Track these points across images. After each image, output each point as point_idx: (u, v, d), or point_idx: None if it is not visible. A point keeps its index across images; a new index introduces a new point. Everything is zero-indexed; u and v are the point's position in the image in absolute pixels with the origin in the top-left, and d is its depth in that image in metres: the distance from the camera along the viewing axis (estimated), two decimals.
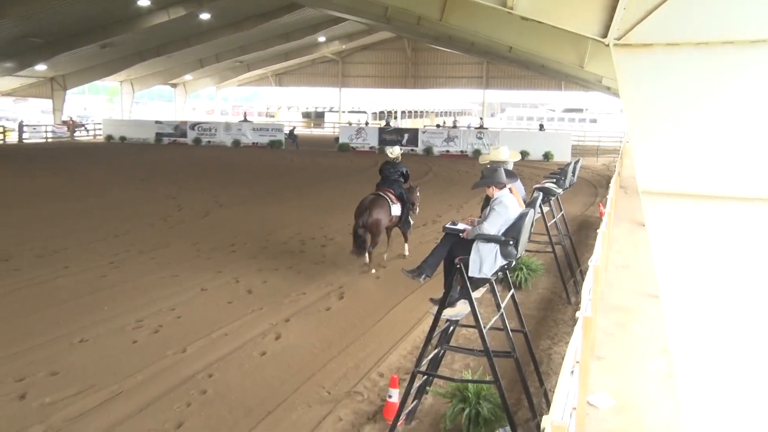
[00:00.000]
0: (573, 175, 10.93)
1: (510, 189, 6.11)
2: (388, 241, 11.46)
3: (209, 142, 38.03)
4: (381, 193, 10.87)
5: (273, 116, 63.83)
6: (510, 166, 7.83)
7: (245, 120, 42.07)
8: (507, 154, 7.95)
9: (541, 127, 46.37)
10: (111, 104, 67.25)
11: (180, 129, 38.72)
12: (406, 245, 11.64)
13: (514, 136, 35.92)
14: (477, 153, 33.35)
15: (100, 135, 41.22)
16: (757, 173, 3.38)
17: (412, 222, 11.47)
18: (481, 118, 55.29)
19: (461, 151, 34.11)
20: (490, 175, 6.06)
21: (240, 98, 76.89)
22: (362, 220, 10.43)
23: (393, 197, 10.88)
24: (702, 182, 3.52)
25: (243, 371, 6.85)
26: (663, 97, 3.54)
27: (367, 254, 10.64)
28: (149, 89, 54.30)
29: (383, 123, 47.13)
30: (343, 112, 60.63)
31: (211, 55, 45.46)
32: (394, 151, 11.50)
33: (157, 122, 39.96)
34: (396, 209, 10.84)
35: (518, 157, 8.41)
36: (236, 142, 37.59)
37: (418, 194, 11.93)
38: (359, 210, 10.55)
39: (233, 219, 14.88)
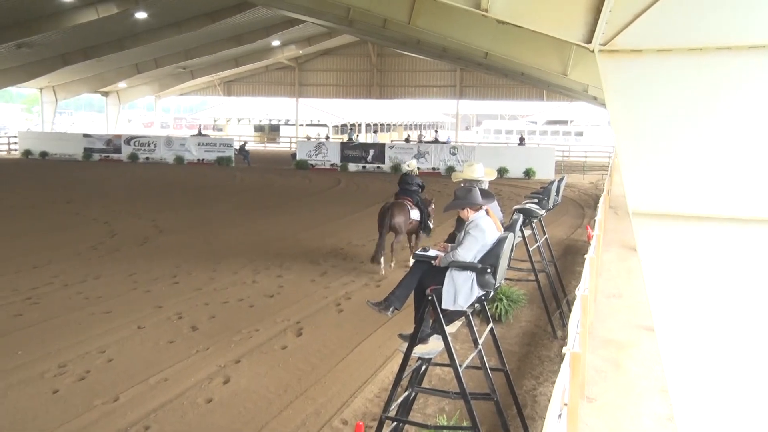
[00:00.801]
0: (557, 195, 11.06)
1: (486, 211, 6.16)
2: (410, 244, 13.36)
3: (148, 158, 37.70)
4: (400, 200, 12.90)
5: (221, 130, 63.63)
6: (485, 185, 7.92)
7: (200, 135, 41.86)
8: (482, 172, 8.05)
9: (522, 140, 47.11)
10: (29, 114, 66.15)
11: (113, 144, 38.29)
12: None
13: (491, 151, 36.38)
14: (450, 170, 33.65)
15: (15, 150, 40.44)
16: (759, 192, 3.43)
17: (431, 226, 13.32)
18: (436, 131, 55.73)
19: (433, 168, 34.41)
20: (463, 196, 6.11)
21: (183, 109, 76.48)
22: (385, 221, 12.41)
23: (411, 204, 12.86)
24: (697, 202, 3.57)
25: (186, 422, 6.71)
26: (654, 108, 3.60)
27: (382, 259, 12.38)
28: (76, 98, 53.62)
29: (346, 137, 47.34)
30: (301, 125, 60.78)
31: (149, 59, 45.10)
32: (411, 164, 13.51)
33: (85, 135, 39.43)
34: (415, 213, 12.79)
35: (494, 175, 8.50)
36: (179, 159, 37.37)
37: (432, 206, 13.43)
38: (381, 214, 12.62)
39: (175, 246, 14.72)
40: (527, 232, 9.76)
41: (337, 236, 16.24)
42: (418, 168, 14.48)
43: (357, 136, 54.23)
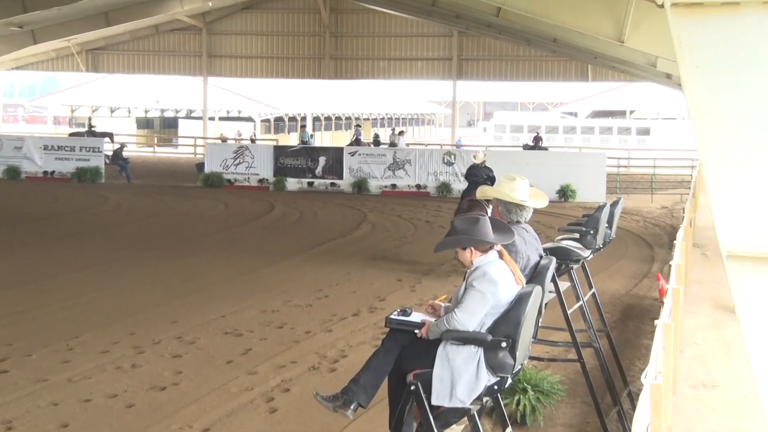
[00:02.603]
0: (610, 226, 11.11)
1: (500, 253, 6.16)
2: None
3: None
4: (471, 197, 14.30)
5: (84, 125, 63.39)
6: (529, 214, 8.03)
7: (91, 132, 41.56)
8: (525, 192, 8.01)
9: (537, 141, 47.39)
10: None
11: None
12: None
13: (505, 158, 36.36)
14: (444, 188, 33.81)
15: None
16: None
17: None
18: (398, 131, 53.75)
19: (417, 186, 34.53)
20: (465, 228, 6.12)
21: (19, 91, 75.64)
22: None
23: (486, 201, 13.59)
24: None
25: None
26: (759, 93, 3.60)
27: None
28: None
29: (297, 139, 47.27)
30: (212, 119, 60.80)
31: None
32: (479, 156, 16.48)
33: None
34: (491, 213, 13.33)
35: (544, 201, 8.57)
36: (13, 171, 37.11)
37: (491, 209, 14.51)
38: (457, 213, 13.74)
39: (3, 313, 14.53)
40: (564, 285, 9.77)
41: (268, 292, 16.17)
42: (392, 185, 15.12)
43: (312, 136, 53.89)
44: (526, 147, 45.69)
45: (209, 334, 13.34)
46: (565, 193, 32.84)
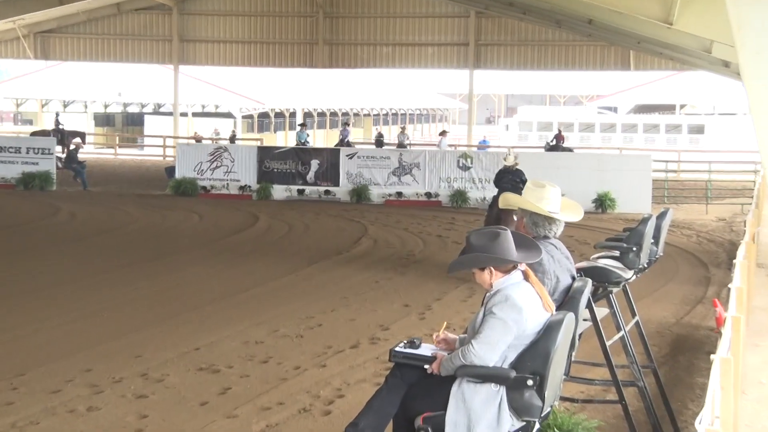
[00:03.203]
0: (656, 242, 11.10)
1: (525, 273, 6.17)
2: None
3: None
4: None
5: (32, 122, 63.50)
6: (560, 228, 8.07)
7: (58, 130, 41.56)
8: (556, 202, 8.03)
9: (558, 141, 47.34)
10: None
11: None
12: None
13: (532, 161, 36.19)
14: (459, 197, 33.73)
15: None
16: None
17: None
18: (404, 129, 54.45)
19: (427, 195, 34.53)
20: (483, 245, 6.13)
21: None
22: None
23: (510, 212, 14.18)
24: None
25: None
26: None
27: None
28: None
29: (294, 139, 47.27)
30: (184, 114, 60.85)
31: None
32: (509, 158, 17.39)
33: None
34: None
35: (579, 214, 8.57)
36: None
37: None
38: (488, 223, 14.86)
39: None
40: (602, 312, 9.76)
41: (251, 320, 16.12)
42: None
43: (308, 136, 53.50)
44: (548, 147, 45.76)
45: (180, 371, 13.21)
46: (602, 202, 32.77)
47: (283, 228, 28.02)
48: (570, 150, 45.54)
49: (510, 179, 17.83)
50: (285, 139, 61.61)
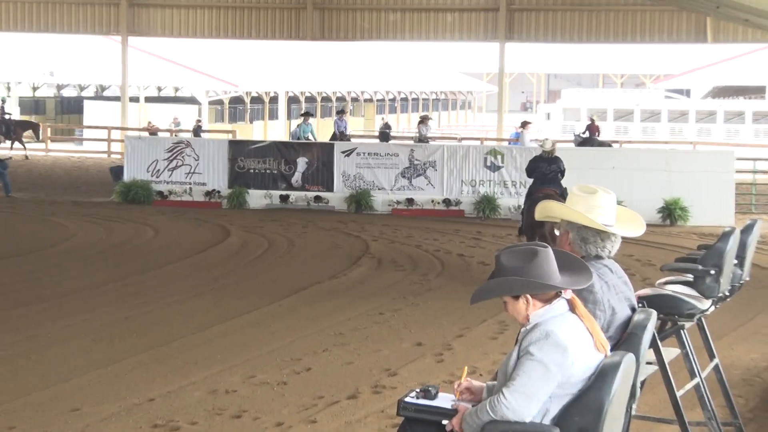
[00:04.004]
0: (741, 264, 11.04)
1: (570, 303, 6.10)
2: None
3: None
4: (546, 191, 16.75)
5: None
6: (615, 246, 8.01)
7: (4, 120, 42.00)
8: (610, 211, 7.99)
9: (592, 133, 47.55)
10: None
11: None
12: None
13: (579, 159, 36.11)
14: (486, 204, 33.60)
15: None
16: None
17: None
18: (423, 120, 54.57)
19: (446, 202, 34.58)
20: (516, 266, 6.09)
21: None
22: (533, 232, 16.58)
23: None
24: None
25: None
26: None
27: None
28: None
29: (289, 133, 47.40)
30: (135, 99, 61.08)
31: None
32: (546, 144, 18.87)
33: None
34: None
35: (641, 228, 8.52)
36: None
37: None
38: (528, 217, 16.59)
39: None
40: (671, 353, 9.72)
41: (221, 363, 16.15)
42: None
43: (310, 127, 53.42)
44: (578, 141, 45.72)
45: (129, 428, 13.19)
46: (671, 212, 32.93)
47: (261, 245, 28.15)
48: (609, 145, 45.59)
49: (546, 167, 18.66)
50: (264, 132, 61.80)
